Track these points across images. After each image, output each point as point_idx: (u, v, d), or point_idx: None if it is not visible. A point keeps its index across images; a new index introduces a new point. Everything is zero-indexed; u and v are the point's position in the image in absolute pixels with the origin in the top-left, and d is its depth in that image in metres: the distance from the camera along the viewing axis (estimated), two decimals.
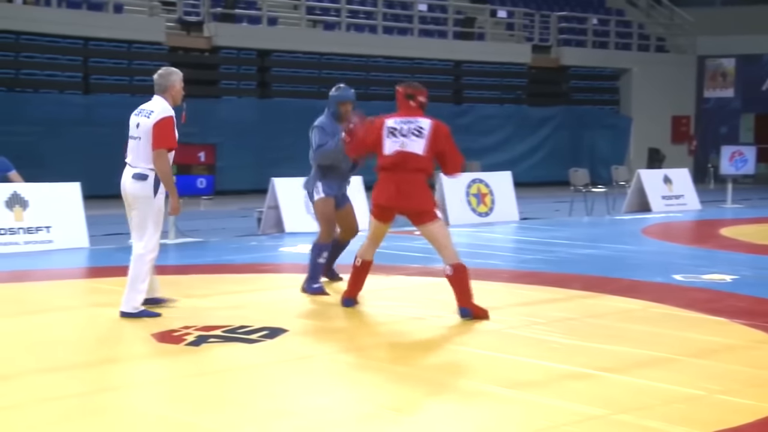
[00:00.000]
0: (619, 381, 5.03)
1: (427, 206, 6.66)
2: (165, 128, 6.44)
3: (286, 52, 20.86)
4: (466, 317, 6.52)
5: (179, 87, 6.65)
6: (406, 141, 6.61)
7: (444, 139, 6.71)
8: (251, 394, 4.82)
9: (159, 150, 6.42)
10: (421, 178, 6.69)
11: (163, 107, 6.54)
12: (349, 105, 7.58)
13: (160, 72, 6.72)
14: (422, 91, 6.84)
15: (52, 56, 18.24)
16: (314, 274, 7.56)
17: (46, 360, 5.47)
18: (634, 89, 26.02)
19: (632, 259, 10.14)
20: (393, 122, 6.72)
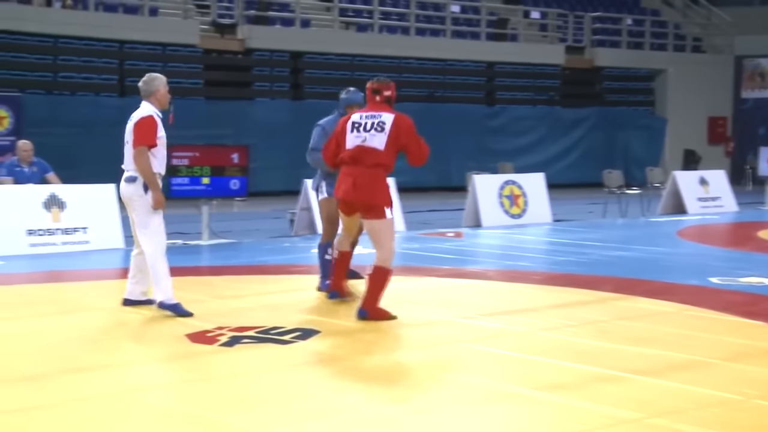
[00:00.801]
0: (652, 384, 4.99)
1: (378, 202, 6.64)
2: (144, 127, 6.71)
3: (319, 54, 20.93)
4: (362, 318, 6.53)
5: (164, 91, 6.94)
6: (368, 136, 6.69)
7: (406, 132, 6.75)
8: (284, 395, 4.85)
9: (139, 147, 6.68)
10: (379, 173, 6.70)
11: (143, 110, 6.82)
12: (356, 108, 7.50)
13: (144, 79, 7.00)
14: (388, 86, 6.89)
15: (89, 59, 18.48)
16: (324, 273, 7.68)
17: (79, 359, 5.53)
18: (670, 90, 25.78)
19: (667, 262, 10.05)
20: (357, 117, 6.81)
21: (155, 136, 6.73)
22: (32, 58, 18.02)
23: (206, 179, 11.29)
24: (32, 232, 10.24)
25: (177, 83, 19.92)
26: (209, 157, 11.44)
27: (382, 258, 6.67)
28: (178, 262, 9.71)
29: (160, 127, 6.80)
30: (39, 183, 10.83)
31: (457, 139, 21.44)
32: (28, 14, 17.65)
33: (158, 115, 6.85)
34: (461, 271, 9.04)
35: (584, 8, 25.70)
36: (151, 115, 6.77)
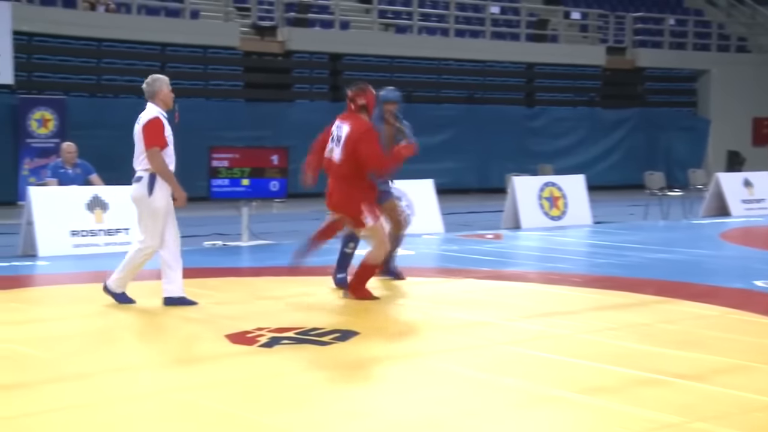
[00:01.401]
0: (695, 388, 4.93)
1: (352, 213, 6.95)
2: (153, 129, 6.88)
3: (358, 56, 20.98)
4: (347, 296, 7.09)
5: (167, 91, 7.10)
6: (334, 148, 7.02)
7: (355, 142, 6.87)
8: (324, 396, 4.86)
9: (151, 149, 6.87)
10: (345, 185, 6.97)
11: (149, 112, 7.01)
12: (391, 105, 7.85)
13: (147, 80, 7.17)
14: (359, 94, 7.09)
15: (131, 62, 18.70)
16: (340, 265, 7.86)
17: (122, 359, 5.60)
18: (713, 90, 25.45)
19: (710, 264, 9.92)
20: (333, 126, 7.16)
21: (164, 137, 6.91)
22: (77, 61, 18.29)
23: (246, 181, 11.36)
24: (75, 233, 10.38)
25: (217, 85, 20.16)
26: (249, 158, 11.51)
27: (371, 256, 7.03)
28: (217, 263, 9.80)
29: (166, 127, 6.98)
30: (82, 184, 10.98)
31: (496, 141, 21.37)
32: (73, 18, 17.92)
33: (164, 115, 7.04)
34: (500, 273, 9.00)
35: (626, 8, 25.47)
36: (157, 117, 6.94)
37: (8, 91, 17.09)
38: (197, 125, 17.92)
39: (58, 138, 15.95)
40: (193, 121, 18.25)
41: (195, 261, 9.94)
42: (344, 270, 7.77)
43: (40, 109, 16.81)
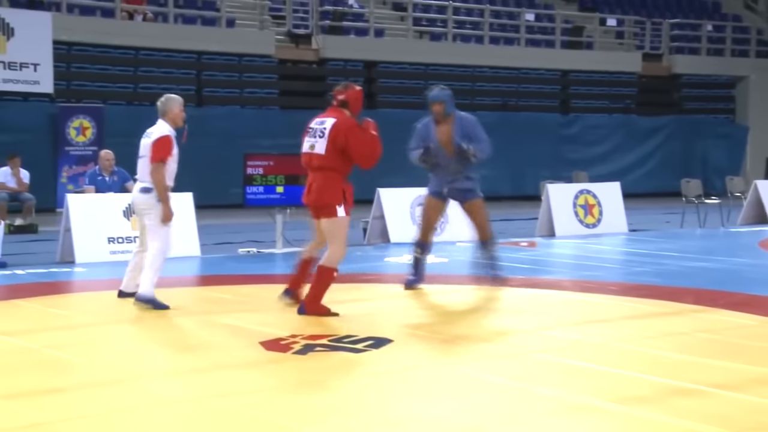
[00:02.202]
0: (733, 398, 4.86)
1: (327, 200, 6.92)
2: (162, 145, 7.39)
3: (393, 63, 21.01)
4: (301, 313, 6.91)
5: (177, 111, 7.57)
6: (314, 142, 7.02)
7: (343, 135, 6.91)
8: (358, 403, 4.86)
9: (155, 163, 7.35)
10: (329, 175, 6.96)
11: (161, 129, 7.50)
12: (437, 105, 7.98)
13: (161, 99, 7.65)
14: (343, 90, 7.12)
15: (168, 70, 18.89)
16: (413, 270, 8.07)
17: (159, 365, 5.64)
18: (752, 97, 25.14)
19: (748, 273, 9.78)
20: (313, 123, 7.14)
21: (169, 154, 7.38)
22: (114, 69, 18.51)
23: (280, 188, 11.41)
24: (112, 240, 10.48)
25: (252, 93, 20.29)
26: (283, 165, 11.55)
27: (329, 257, 6.95)
28: (252, 270, 9.85)
29: (174, 145, 7.45)
30: (119, 192, 11.09)
31: (531, 148, 21.27)
32: (112, 27, 18.14)
33: (173, 133, 7.50)
34: (535, 281, 8.95)
35: (662, 15, 25.26)
36: (168, 135, 7.42)
37: (48, 100, 17.34)
38: (232, 133, 18.07)
39: (96, 146, 16.14)
40: (228, 128, 18.43)
41: (229, 268, 10.00)
42: (420, 274, 8.06)
43: (78, 117, 17.03)
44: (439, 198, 8.25)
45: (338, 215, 6.94)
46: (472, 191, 8.16)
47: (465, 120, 8.15)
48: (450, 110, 8.08)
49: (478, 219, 8.19)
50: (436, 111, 8.02)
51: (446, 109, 8.05)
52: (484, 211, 8.22)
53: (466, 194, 8.13)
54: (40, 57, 16.42)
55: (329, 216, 6.95)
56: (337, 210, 6.92)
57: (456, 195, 8.18)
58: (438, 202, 8.27)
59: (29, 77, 16.42)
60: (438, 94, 8.09)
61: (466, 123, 8.12)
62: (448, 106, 8.07)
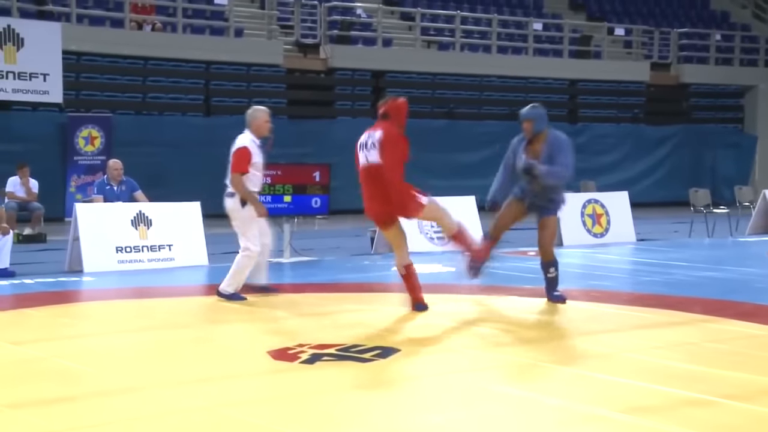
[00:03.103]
0: (742, 409, 4.83)
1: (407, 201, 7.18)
2: (238, 157, 7.97)
3: (401, 73, 21.05)
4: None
5: (261, 122, 8.10)
6: (368, 154, 7.22)
7: (388, 141, 7.13)
8: (365, 413, 4.85)
9: (233, 174, 7.99)
10: (390, 181, 7.16)
11: (242, 140, 8.05)
12: (526, 123, 7.89)
13: (248, 110, 8.24)
14: (381, 104, 7.35)
15: (176, 80, 18.96)
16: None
17: (168, 374, 5.64)
18: (761, 106, 25.10)
19: (757, 283, 9.74)
20: (363, 138, 7.36)
21: (247, 165, 7.94)
22: (123, 79, 18.58)
23: (288, 197, 11.42)
24: (120, 249, 10.51)
25: (260, 102, 20.24)
26: (291, 175, 11.57)
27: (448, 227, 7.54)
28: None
29: (254, 155, 7.97)
30: (127, 201, 11.13)
31: None
32: (120, 38, 18.23)
33: (255, 142, 8.06)
34: (543, 290, 8.93)
35: (670, 24, 25.26)
36: (246, 147, 7.96)
37: (57, 109, 17.41)
38: None
39: (105, 155, 16.20)
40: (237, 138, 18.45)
41: None
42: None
43: (87, 127, 17.10)
44: (521, 201, 7.97)
45: (424, 203, 7.24)
46: (549, 210, 7.94)
47: (556, 141, 7.89)
48: (539, 128, 7.85)
49: (543, 236, 7.94)
50: (525, 129, 7.88)
51: (535, 127, 7.82)
52: (552, 231, 7.96)
53: (543, 211, 7.93)
54: (50, 67, 16.50)
55: (415, 211, 7.26)
56: (420, 200, 7.20)
57: (535, 209, 7.96)
58: (519, 203, 7.98)
59: (39, 87, 16.50)
60: (527, 112, 7.90)
61: (555, 144, 7.86)
62: (537, 124, 7.83)
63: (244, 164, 7.92)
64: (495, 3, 24.40)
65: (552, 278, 8.05)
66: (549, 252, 7.96)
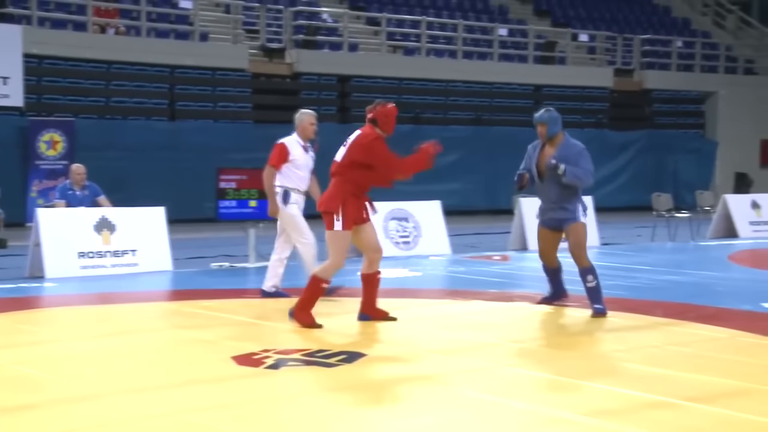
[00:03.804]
0: (705, 411, 4.89)
1: (331, 209, 6.99)
2: (274, 151, 8.34)
3: (367, 78, 21.05)
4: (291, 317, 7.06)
5: (306, 125, 8.47)
6: (339, 153, 7.22)
7: (361, 148, 7.00)
8: (330, 418, 4.84)
9: (267, 166, 8.34)
10: (337, 182, 7.05)
11: (287, 138, 8.40)
12: (540, 127, 7.79)
13: (296, 113, 8.61)
14: (370, 109, 7.21)
15: (140, 84, 18.80)
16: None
17: (131, 380, 5.59)
18: (721, 112, 25.45)
19: (718, 286, 9.87)
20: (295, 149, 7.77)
21: (279, 160, 8.27)
22: (86, 83, 18.39)
23: (254, 202, 11.37)
24: (83, 255, 10.39)
25: (226, 107, 20.25)
26: (257, 180, 11.45)
27: (323, 268, 7.07)
28: (224, 284, 9.80)
29: (292, 153, 8.30)
30: (90, 206, 11.01)
31: (504, 162, 21.22)
32: (83, 41, 18.04)
33: (299, 142, 8.41)
34: (508, 294, 8.98)
35: (633, 30, 25.54)
36: (283, 143, 8.30)
37: (18, 113, 17.19)
38: (205, 147, 17.99)
39: (67, 160, 16.01)
40: (202, 142, 18.35)
41: (202, 282, 9.95)
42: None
43: (49, 131, 16.89)
44: (545, 227, 7.86)
45: (334, 228, 6.96)
46: (568, 220, 7.68)
47: (571, 146, 7.76)
48: (554, 131, 7.73)
49: (571, 245, 7.66)
50: (540, 133, 7.75)
51: (549, 130, 7.71)
52: (578, 237, 7.63)
53: (562, 223, 7.70)
54: (10, 70, 16.28)
55: (328, 227, 7.01)
56: (335, 223, 6.95)
57: (554, 224, 7.76)
58: (545, 231, 7.87)
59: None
60: (541, 115, 7.78)
61: (571, 149, 7.73)
62: (551, 128, 7.72)
63: (276, 158, 8.21)
64: (460, 8, 24.52)
65: (591, 288, 7.62)
66: (582, 259, 7.61)
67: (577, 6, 26.56)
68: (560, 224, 7.75)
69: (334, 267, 7.00)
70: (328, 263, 7.00)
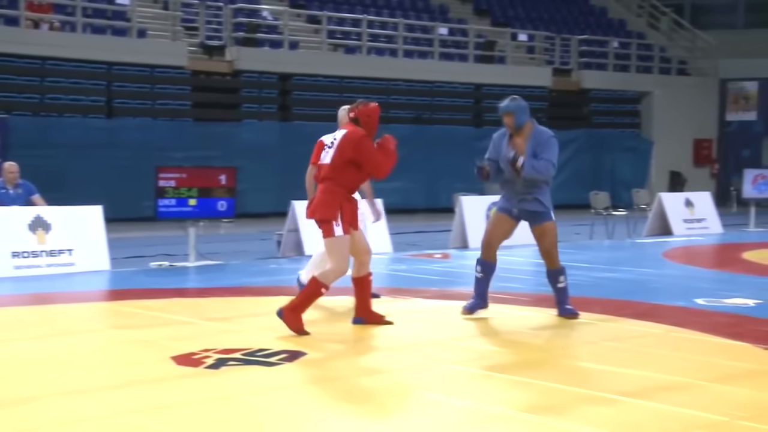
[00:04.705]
0: (640, 406, 4.98)
1: (327, 216, 6.76)
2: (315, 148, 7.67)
3: (307, 76, 20.99)
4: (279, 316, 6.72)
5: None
6: (326, 154, 6.94)
7: (352, 145, 6.81)
8: (271, 418, 4.82)
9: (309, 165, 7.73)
10: (329, 188, 6.82)
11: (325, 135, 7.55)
12: (507, 117, 7.32)
13: (339, 110, 7.79)
14: (352, 108, 7.02)
15: (76, 81, 18.47)
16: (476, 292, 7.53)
17: (68, 382, 5.49)
18: (656, 112, 25.96)
19: (653, 283, 10.07)
20: (327, 139, 7.09)
21: (315, 157, 7.51)
22: (20, 80, 18.00)
23: (193, 201, 11.26)
24: (17, 255, 10.18)
25: (165, 105, 20.01)
26: (197, 178, 11.42)
27: (324, 273, 6.77)
28: (164, 284, 9.69)
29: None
30: (24, 205, 10.79)
31: (444, 161, 21.50)
32: (16, 36, 17.65)
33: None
34: (449, 292, 9.03)
35: (571, 31, 25.89)
36: (320, 140, 7.46)
37: None
38: (144, 145, 17.77)
39: (0, 158, 15.65)
40: (140, 140, 18.11)
41: (141, 282, 9.82)
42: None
43: None
44: (507, 215, 7.46)
45: (335, 235, 6.70)
46: (543, 214, 7.36)
47: (540, 134, 7.39)
48: (521, 121, 7.32)
49: (545, 244, 7.41)
50: (506, 124, 7.35)
51: (517, 120, 7.30)
52: (553, 237, 7.39)
53: (536, 217, 7.38)
54: None
55: (326, 235, 6.73)
56: (334, 229, 6.69)
57: (526, 216, 7.42)
58: (505, 218, 7.47)
59: None
60: (506, 105, 7.37)
61: (540, 138, 7.36)
62: (519, 117, 7.31)
63: (313, 155, 7.60)
64: (401, 7, 24.58)
65: (562, 288, 7.46)
66: (554, 260, 7.41)
67: (516, 6, 26.84)
68: (530, 217, 7.40)
69: (336, 273, 6.72)
70: (330, 269, 6.70)
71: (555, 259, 7.46)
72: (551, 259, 7.47)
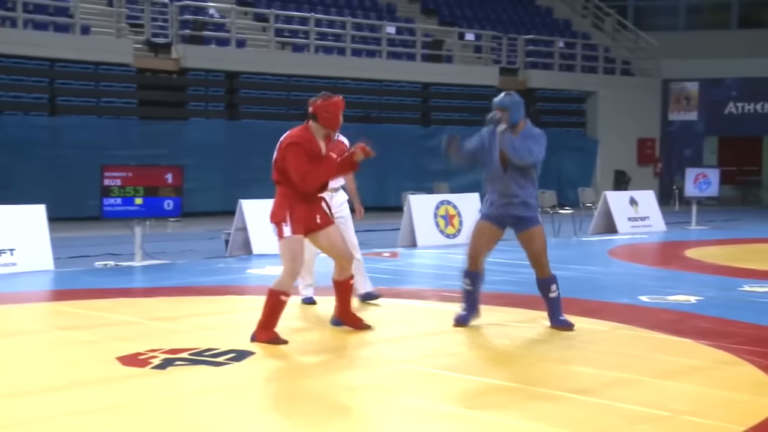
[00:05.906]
0: (584, 402, 5.06)
1: (274, 220, 6.47)
2: None
3: (255, 74, 20.87)
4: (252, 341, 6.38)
5: None
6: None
7: (279, 153, 6.51)
8: (218, 418, 4.79)
9: None
10: (278, 191, 6.54)
11: None
12: (497, 112, 7.01)
13: None
14: (312, 102, 6.64)
15: (18, 77, 18.10)
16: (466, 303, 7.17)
17: (10, 384, 5.39)
18: (601, 112, 26.32)
19: (599, 281, 10.21)
20: None
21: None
22: None
23: (139, 199, 11.13)
24: None
25: (110, 103, 19.72)
26: (143, 177, 11.28)
27: (278, 280, 6.49)
28: (109, 283, 9.56)
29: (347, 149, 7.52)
30: None
31: (392, 160, 21.52)
32: None
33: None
34: (397, 291, 9.06)
35: (517, 30, 26.12)
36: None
37: None
38: (89, 143, 17.51)
39: None
40: (85, 139, 17.84)
41: (86, 282, 9.68)
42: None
43: None
44: (491, 222, 7.03)
45: (284, 236, 6.39)
46: (530, 219, 6.96)
47: (530, 131, 7.04)
48: (516, 118, 6.96)
49: (533, 250, 7.03)
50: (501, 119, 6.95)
51: (512, 117, 6.94)
52: (542, 242, 7.01)
53: (522, 222, 6.96)
54: None
55: (278, 237, 6.44)
56: (283, 230, 6.38)
57: (511, 222, 6.99)
58: (489, 226, 7.04)
59: None
60: (501, 100, 7.02)
61: (529, 134, 7.01)
62: (514, 114, 6.95)
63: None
64: (349, 6, 24.56)
65: (554, 298, 7.05)
66: (545, 267, 7.03)
67: (463, 5, 27.00)
68: (516, 223, 6.99)
69: (290, 275, 6.42)
70: (283, 272, 6.42)
71: (545, 266, 7.05)
72: (541, 267, 7.06)
